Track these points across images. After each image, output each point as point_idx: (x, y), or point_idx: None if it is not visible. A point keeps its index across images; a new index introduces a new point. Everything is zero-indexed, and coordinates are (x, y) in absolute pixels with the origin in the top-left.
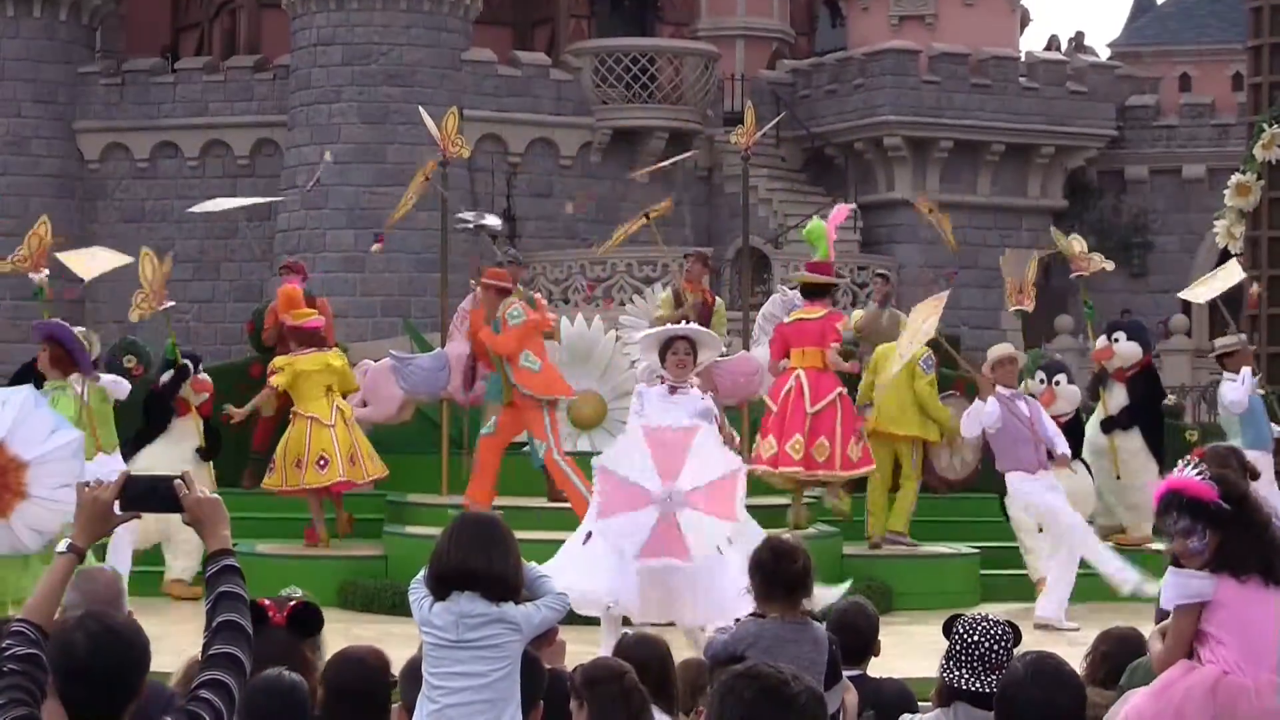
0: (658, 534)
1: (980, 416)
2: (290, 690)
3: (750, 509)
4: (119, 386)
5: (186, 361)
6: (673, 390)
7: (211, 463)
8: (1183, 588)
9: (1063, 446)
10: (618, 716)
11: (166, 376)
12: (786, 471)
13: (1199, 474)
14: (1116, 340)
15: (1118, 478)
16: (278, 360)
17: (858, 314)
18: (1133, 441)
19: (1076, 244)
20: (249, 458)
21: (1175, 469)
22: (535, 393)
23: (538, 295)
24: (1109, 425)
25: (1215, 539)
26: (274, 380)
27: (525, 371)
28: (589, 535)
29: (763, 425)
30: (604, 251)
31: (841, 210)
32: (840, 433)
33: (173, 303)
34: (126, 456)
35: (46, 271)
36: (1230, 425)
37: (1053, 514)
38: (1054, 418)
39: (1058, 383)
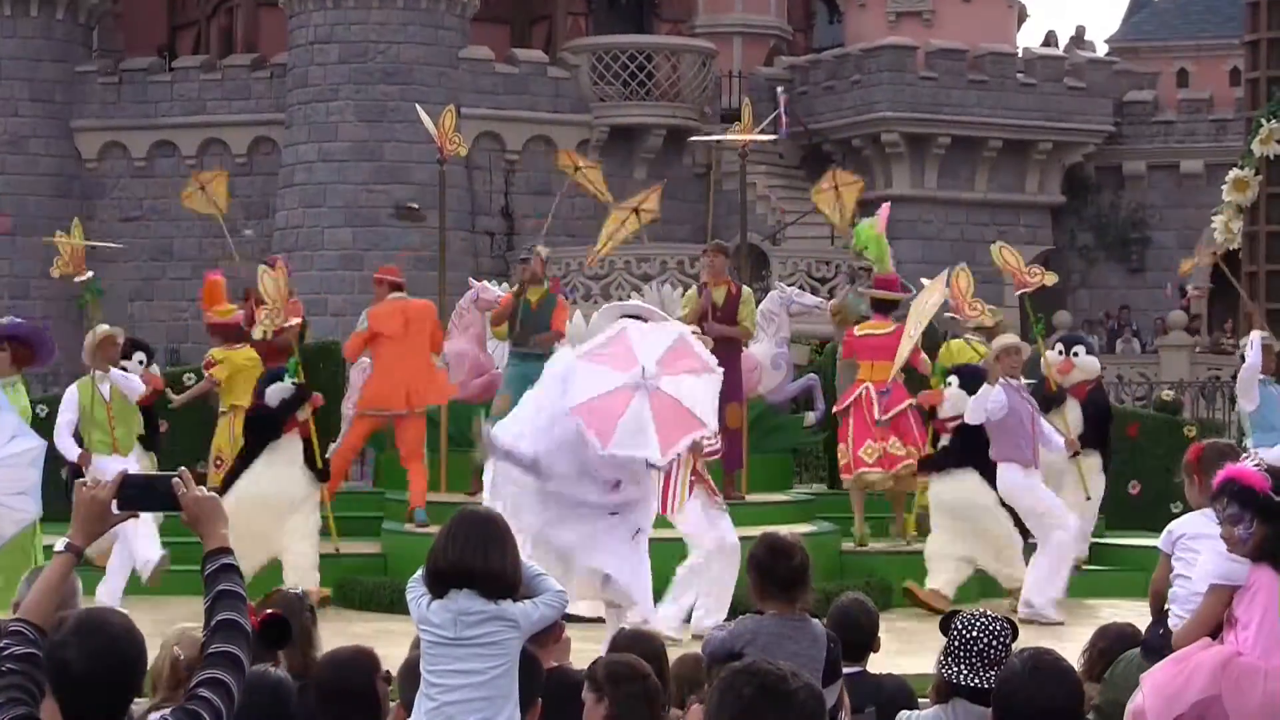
0: (661, 414)
1: (986, 403)
2: (274, 687)
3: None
4: (130, 385)
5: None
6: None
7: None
8: (1220, 568)
9: (1058, 442)
10: (640, 716)
11: (279, 393)
12: (868, 475)
13: (1256, 465)
14: (1076, 354)
15: (1088, 498)
16: (215, 353)
17: (834, 302)
18: (1094, 459)
19: (1011, 257)
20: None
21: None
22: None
23: (561, 299)
24: (933, 465)
25: (1262, 529)
26: (213, 372)
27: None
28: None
29: (839, 434)
30: (598, 256)
31: (885, 210)
32: (915, 438)
33: (297, 320)
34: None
35: (90, 273)
36: (1246, 426)
37: (1047, 512)
38: (1072, 387)
39: (1076, 354)
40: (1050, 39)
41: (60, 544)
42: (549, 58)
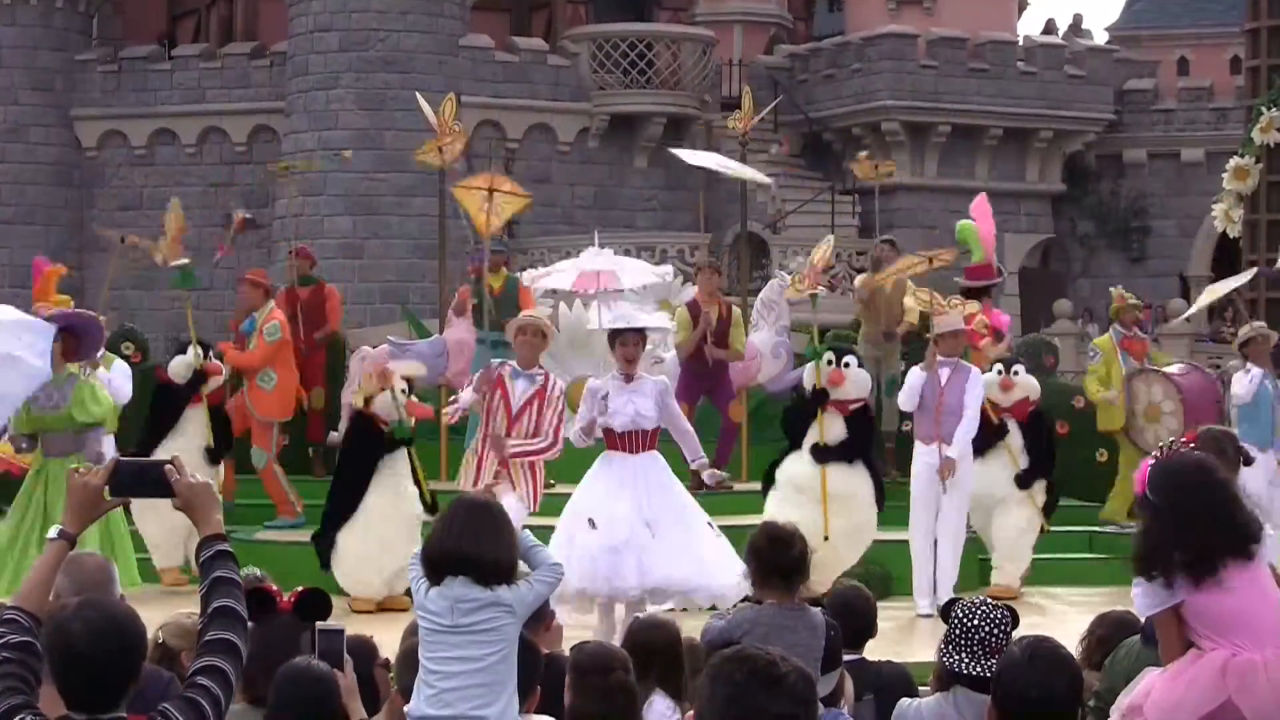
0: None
1: (912, 387)
2: (320, 680)
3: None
4: (119, 393)
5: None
6: (628, 379)
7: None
8: (1148, 598)
9: (958, 447)
10: (598, 710)
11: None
12: None
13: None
14: (1016, 373)
15: (1043, 530)
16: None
17: (861, 278)
18: (1039, 489)
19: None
20: (314, 449)
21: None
22: (260, 414)
23: (524, 284)
24: (1027, 480)
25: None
26: None
27: (259, 390)
28: (591, 521)
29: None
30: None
31: (981, 200)
32: None
33: (187, 260)
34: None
35: (186, 259)
36: (1234, 413)
37: (914, 495)
38: (1012, 406)
39: (1016, 373)
40: (1050, 27)
41: (53, 531)
42: (549, 46)
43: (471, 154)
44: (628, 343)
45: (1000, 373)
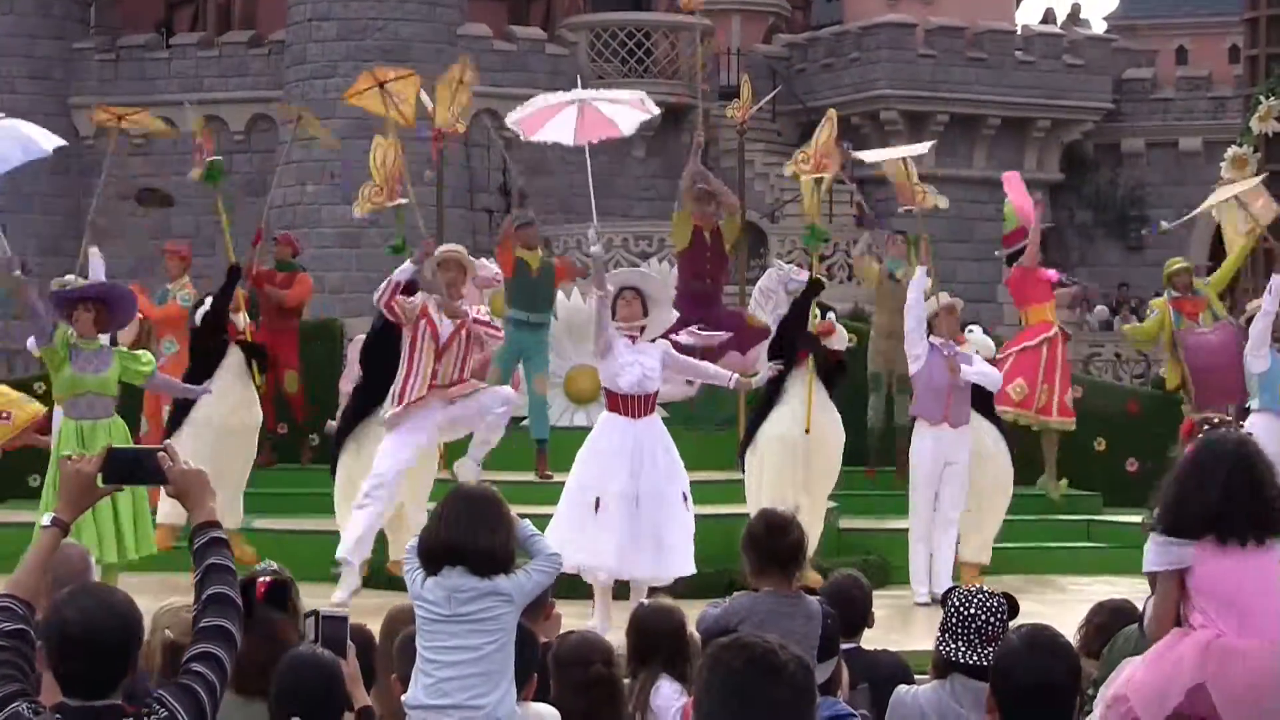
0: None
1: (918, 295)
2: (325, 668)
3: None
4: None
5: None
6: (633, 340)
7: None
8: (1158, 554)
9: (970, 370)
10: (578, 705)
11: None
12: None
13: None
14: (971, 331)
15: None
16: None
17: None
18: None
19: (903, 169)
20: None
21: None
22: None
23: (558, 264)
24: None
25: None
26: None
27: (159, 356)
28: (598, 501)
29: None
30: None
31: (1012, 175)
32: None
33: (405, 200)
34: None
35: (405, 199)
36: (1252, 386)
37: (913, 485)
38: (835, 351)
39: (971, 331)
40: (1049, 16)
41: (46, 519)
42: (547, 35)
43: (470, 143)
44: (627, 300)
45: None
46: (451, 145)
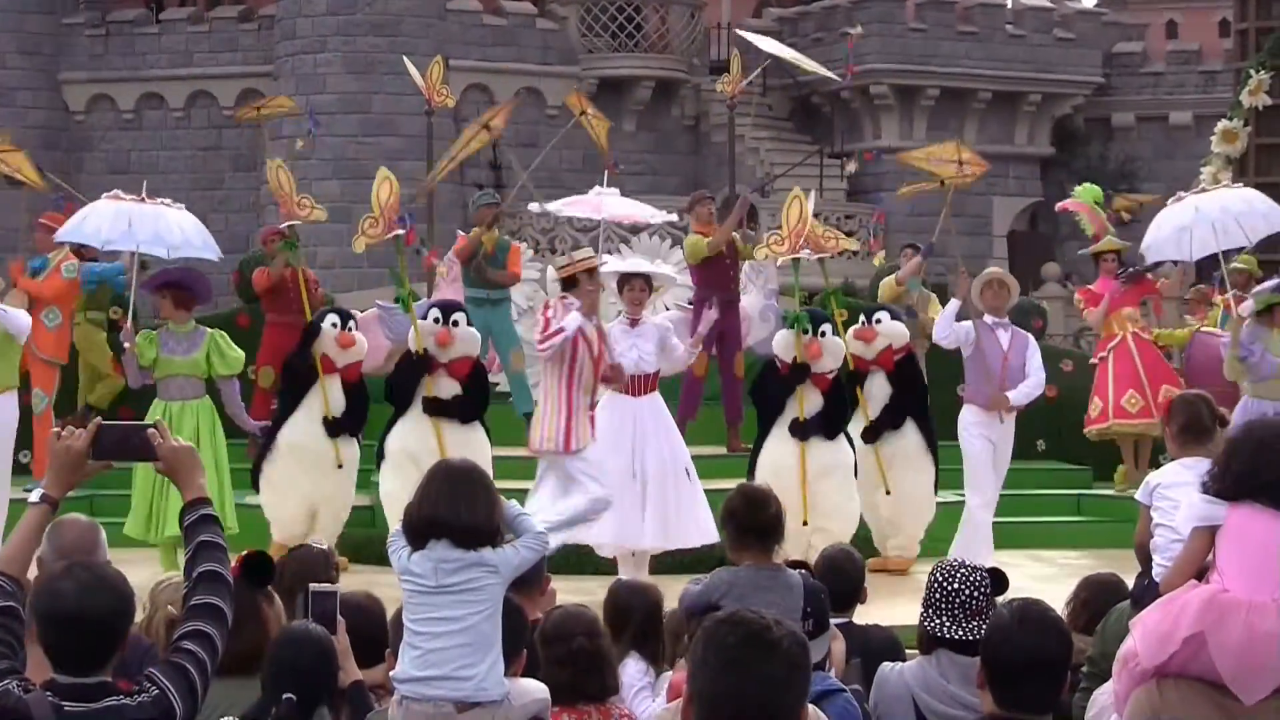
0: None
1: (948, 319)
2: (318, 644)
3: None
4: (16, 322)
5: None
6: (632, 324)
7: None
8: (1195, 510)
9: (1018, 397)
10: (563, 678)
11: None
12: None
13: None
14: (879, 321)
15: (888, 493)
16: None
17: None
18: (908, 441)
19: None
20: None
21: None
22: (43, 353)
23: (515, 244)
24: (874, 433)
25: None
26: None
27: (42, 326)
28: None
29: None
30: (436, 180)
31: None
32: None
33: (402, 231)
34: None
35: (401, 230)
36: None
37: (967, 469)
38: (879, 355)
39: (878, 321)
40: None
41: (35, 495)
42: (537, 9)
43: (459, 118)
44: (635, 288)
45: (806, 332)
46: (443, 120)
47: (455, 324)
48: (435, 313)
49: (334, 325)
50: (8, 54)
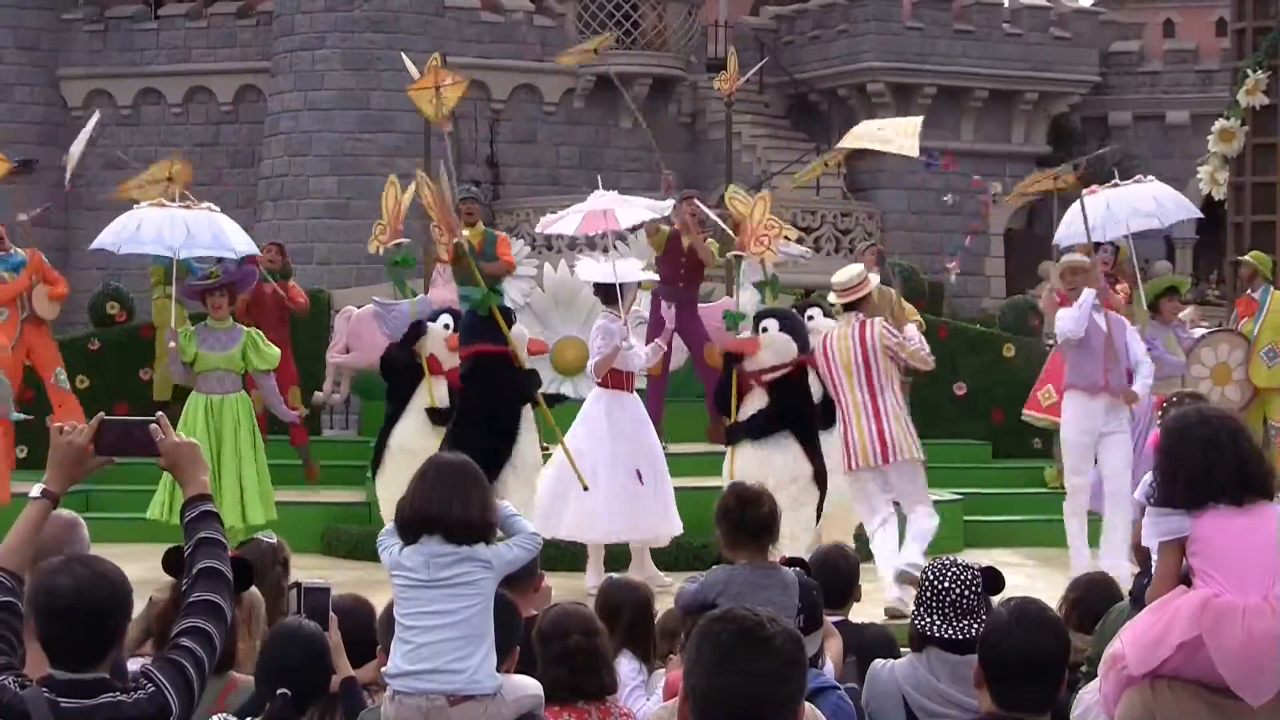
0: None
1: (1085, 311)
2: (311, 641)
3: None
4: None
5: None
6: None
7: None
8: (1156, 526)
9: (1140, 387)
10: (560, 675)
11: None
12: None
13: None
14: (765, 330)
15: None
16: None
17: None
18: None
19: (743, 206)
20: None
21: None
22: None
23: (501, 234)
24: (735, 435)
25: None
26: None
27: None
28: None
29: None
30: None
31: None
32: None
33: (407, 240)
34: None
35: (406, 240)
36: None
37: (1067, 454)
38: (757, 372)
39: (765, 329)
40: None
41: (36, 490)
42: (535, 6)
43: (457, 114)
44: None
45: (763, 330)
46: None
47: (764, 330)
48: (446, 318)
49: (445, 326)
50: (6, 49)
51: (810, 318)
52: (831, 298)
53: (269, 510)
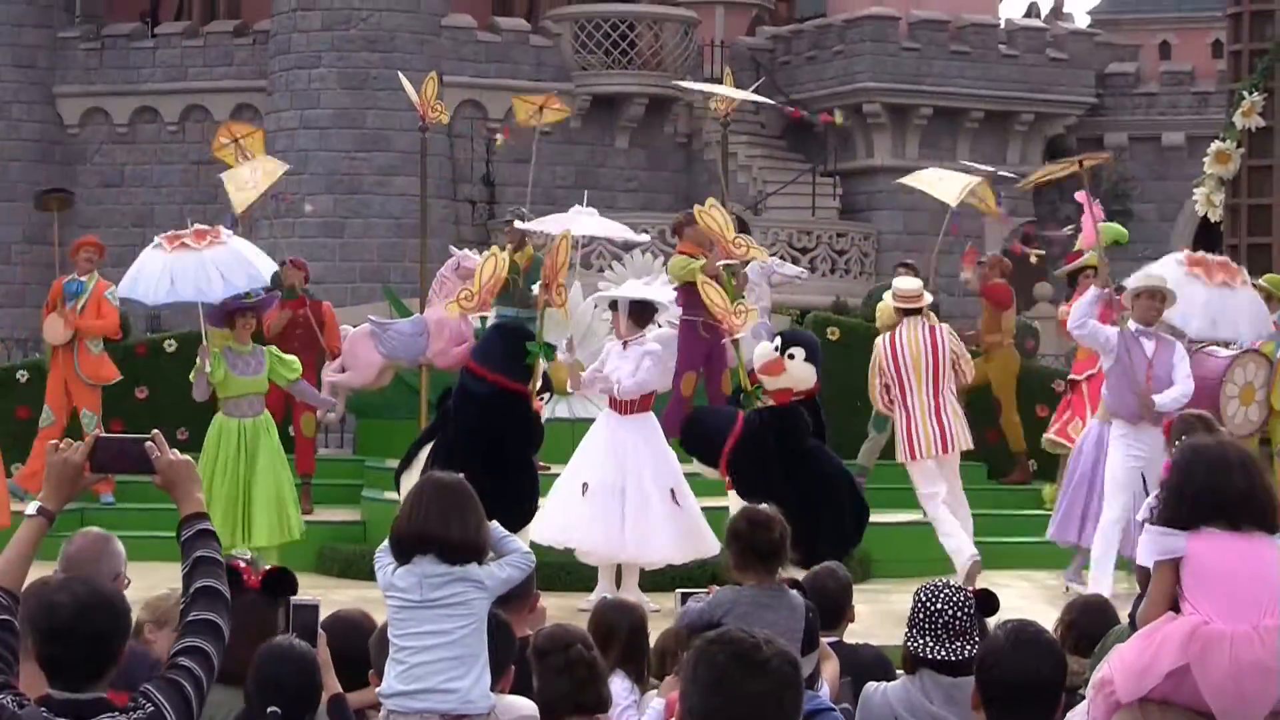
0: None
1: (1088, 306)
2: (301, 659)
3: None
4: None
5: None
6: (625, 345)
7: None
8: (1153, 544)
9: (1168, 400)
10: (561, 688)
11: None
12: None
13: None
14: (792, 357)
15: None
16: None
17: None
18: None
19: (718, 217)
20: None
21: None
22: (92, 378)
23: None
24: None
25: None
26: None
27: (87, 353)
28: (585, 486)
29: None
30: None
31: (1083, 194)
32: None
33: (490, 315)
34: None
35: (489, 314)
36: None
37: (1110, 481)
38: (774, 393)
39: (791, 356)
40: (1032, 10)
41: (31, 508)
42: (531, 26)
43: (453, 133)
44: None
45: (777, 350)
46: (436, 136)
47: (791, 356)
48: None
49: None
50: (2, 67)
51: (791, 356)
52: (887, 299)
53: (294, 531)
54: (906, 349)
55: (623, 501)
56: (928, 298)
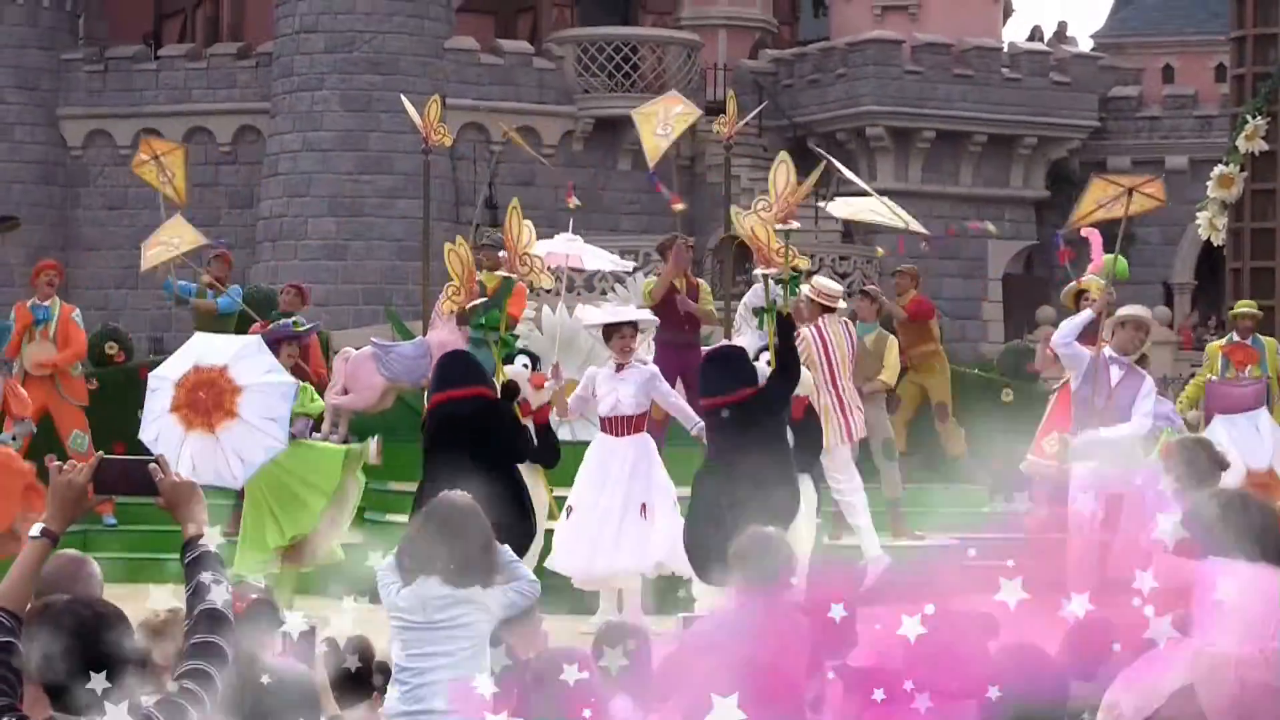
0: None
1: (1076, 327)
2: (303, 684)
3: None
4: None
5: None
6: (619, 369)
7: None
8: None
9: (1110, 433)
10: (552, 712)
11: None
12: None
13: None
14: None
15: None
16: None
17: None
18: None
19: (762, 232)
20: None
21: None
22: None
23: (520, 285)
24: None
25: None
26: None
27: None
28: (569, 510)
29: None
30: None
31: (1093, 232)
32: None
33: (483, 299)
34: None
35: (481, 300)
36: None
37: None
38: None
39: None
40: (1036, 34)
41: (35, 530)
42: (534, 49)
43: (456, 155)
44: (625, 335)
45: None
46: (439, 159)
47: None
48: (524, 358)
49: (525, 366)
50: (6, 89)
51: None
52: (806, 290)
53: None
54: (834, 344)
55: (599, 522)
56: (844, 305)
